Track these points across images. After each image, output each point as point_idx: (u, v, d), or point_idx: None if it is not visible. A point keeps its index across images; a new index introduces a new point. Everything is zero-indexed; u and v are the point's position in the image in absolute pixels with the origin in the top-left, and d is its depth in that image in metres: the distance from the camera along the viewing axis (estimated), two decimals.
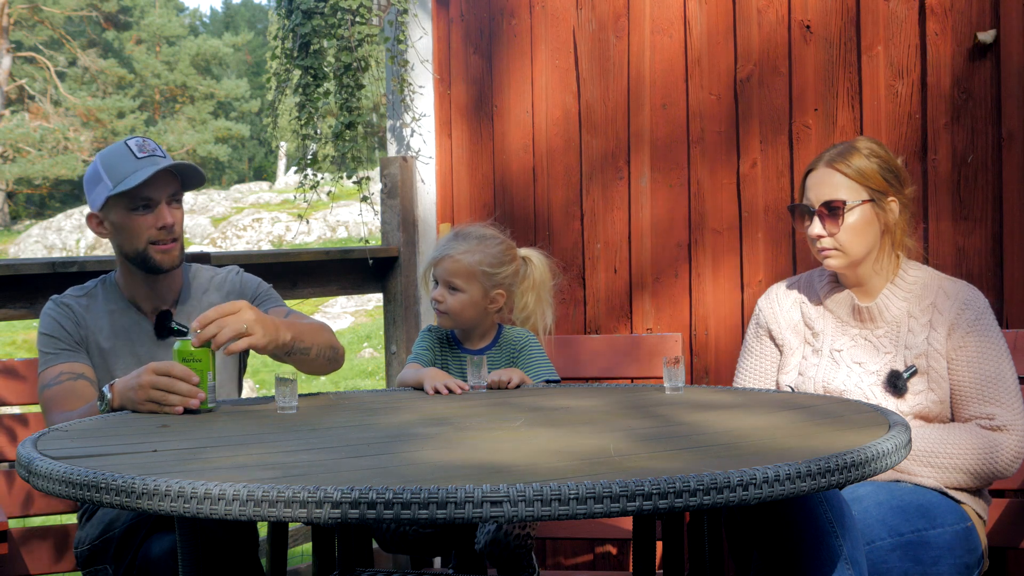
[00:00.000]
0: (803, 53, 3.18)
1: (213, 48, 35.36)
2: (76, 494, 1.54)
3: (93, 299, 2.50)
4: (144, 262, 2.45)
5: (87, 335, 2.45)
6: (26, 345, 14.06)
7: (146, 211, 2.42)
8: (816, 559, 1.97)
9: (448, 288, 2.57)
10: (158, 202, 2.43)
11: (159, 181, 2.42)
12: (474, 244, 2.58)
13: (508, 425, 1.93)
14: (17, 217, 29.20)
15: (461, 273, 2.56)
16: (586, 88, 3.57)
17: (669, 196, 3.42)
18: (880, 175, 2.40)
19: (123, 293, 2.52)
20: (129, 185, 2.38)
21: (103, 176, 2.43)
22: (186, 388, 2.12)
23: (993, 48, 2.89)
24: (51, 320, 2.44)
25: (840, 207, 2.38)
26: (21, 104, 30.36)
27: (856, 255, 2.40)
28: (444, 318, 2.60)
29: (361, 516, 1.36)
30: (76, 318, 2.45)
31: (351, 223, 17.57)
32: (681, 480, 1.40)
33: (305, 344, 2.32)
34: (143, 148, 2.44)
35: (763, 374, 2.57)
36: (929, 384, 2.35)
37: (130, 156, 2.42)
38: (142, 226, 2.42)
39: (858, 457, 1.56)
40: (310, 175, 3.88)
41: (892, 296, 2.42)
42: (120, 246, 2.47)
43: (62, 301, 2.48)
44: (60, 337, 2.42)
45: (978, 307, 2.37)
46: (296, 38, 3.72)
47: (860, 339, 2.44)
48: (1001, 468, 2.29)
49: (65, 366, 2.38)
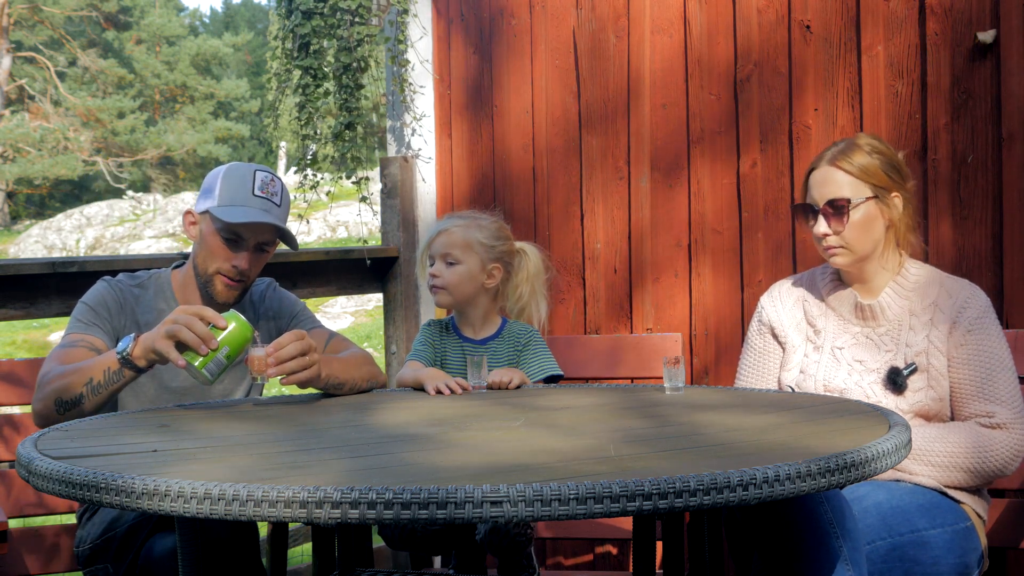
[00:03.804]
0: (803, 53, 3.18)
1: (213, 48, 35.34)
2: (76, 494, 1.54)
3: (145, 291, 2.51)
4: (206, 284, 2.47)
5: (127, 324, 2.44)
6: (26, 345, 14.06)
7: (230, 244, 2.44)
8: (816, 559, 1.97)
9: (445, 263, 2.60)
10: (246, 242, 2.45)
11: (258, 226, 2.44)
12: (469, 220, 2.66)
13: (508, 425, 1.93)
14: (17, 217, 29.20)
15: (458, 244, 2.60)
16: (586, 88, 3.57)
17: (669, 196, 3.42)
18: (883, 171, 2.41)
19: (175, 293, 2.52)
20: (226, 218, 2.40)
21: (216, 189, 2.45)
22: (203, 330, 2.11)
23: (993, 48, 2.89)
24: (99, 296, 2.44)
25: (844, 205, 2.38)
26: (21, 104, 30.35)
27: (862, 252, 2.41)
28: (442, 294, 2.61)
29: (361, 516, 1.36)
30: (123, 304, 2.45)
31: (351, 223, 17.57)
32: (681, 480, 1.40)
33: (339, 380, 2.37)
34: (264, 187, 2.47)
35: (765, 371, 2.57)
36: (929, 382, 2.35)
37: (248, 187, 2.45)
38: (221, 254, 2.44)
39: (858, 457, 1.56)
40: (310, 175, 3.88)
41: (894, 294, 2.42)
42: (196, 256, 2.49)
43: (117, 284, 2.48)
44: (100, 313, 2.42)
45: (980, 305, 2.38)
46: (296, 38, 3.72)
47: (861, 337, 2.44)
48: (999, 466, 2.29)
49: (89, 337, 2.38)
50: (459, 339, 2.65)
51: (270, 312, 2.61)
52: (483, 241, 2.62)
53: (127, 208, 22.10)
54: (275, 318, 2.61)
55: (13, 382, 2.68)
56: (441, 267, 2.61)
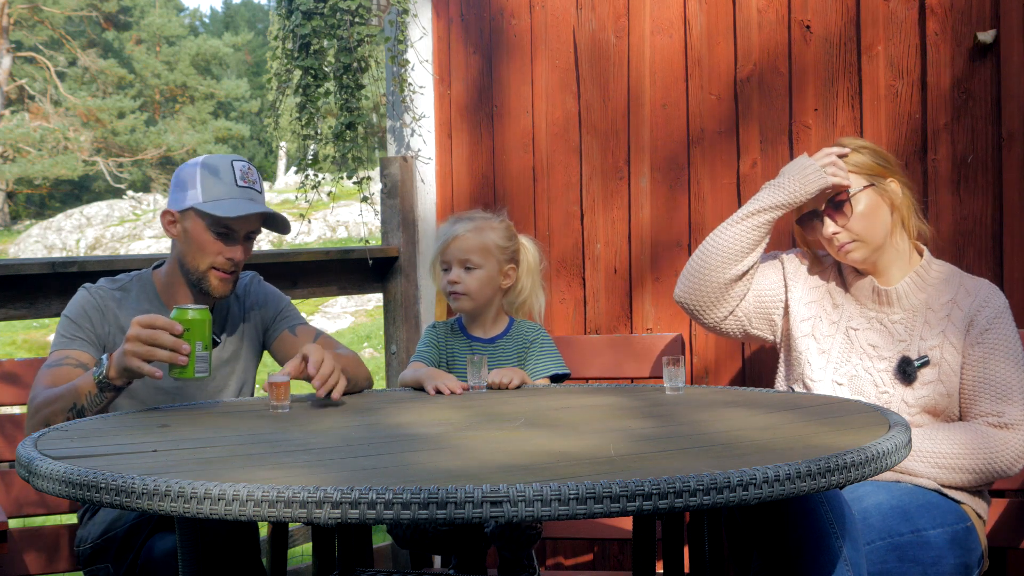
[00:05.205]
0: (803, 53, 3.18)
1: (213, 48, 35.34)
2: (76, 494, 1.54)
3: (127, 293, 2.49)
4: (199, 281, 2.45)
5: (111, 330, 2.43)
6: (26, 345, 14.05)
7: (221, 238, 2.43)
8: (816, 560, 1.97)
9: (464, 268, 2.57)
10: (237, 234, 2.44)
11: (247, 216, 2.44)
12: (480, 222, 2.62)
13: (508, 425, 1.93)
14: (17, 217, 29.20)
15: (476, 249, 2.57)
16: (586, 88, 3.57)
17: (669, 196, 3.42)
18: (873, 161, 2.47)
19: (159, 293, 2.51)
20: (218, 212, 2.38)
21: (196, 184, 2.42)
22: (170, 340, 2.09)
23: (993, 48, 2.89)
24: (79, 308, 2.43)
25: (845, 198, 2.41)
26: (21, 104, 30.35)
27: (874, 241, 2.42)
28: (463, 300, 2.59)
29: (361, 516, 1.36)
30: (104, 310, 2.43)
31: (351, 223, 17.57)
32: (681, 480, 1.40)
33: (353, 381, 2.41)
34: (246, 177, 2.45)
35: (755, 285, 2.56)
36: (939, 376, 2.36)
37: (231, 180, 2.43)
38: (212, 250, 2.42)
39: (858, 457, 1.56)
40: (311, 175, 3.88)
41: (913, 285, 2.44)
42: (183, 255, 2.46)
43: (97, 291, 2.46)
44: (82, 325, 2.41)
45: (998, 306, 2.39)
46: (296, 38, 3.72)
47: (876, 322, 2.45)
48: (1005, 466, 2.29)
49: (74, 352, 2.38)
50: (467, 339, 2.64)
51: (256, 303, 2.61)
52: (499, 243, 2.60)
53: (127, 208, 22.11)
54: (260, 308, 2.61)
55: (13, 382, 2.69)
56: (460, 273, 2.58)
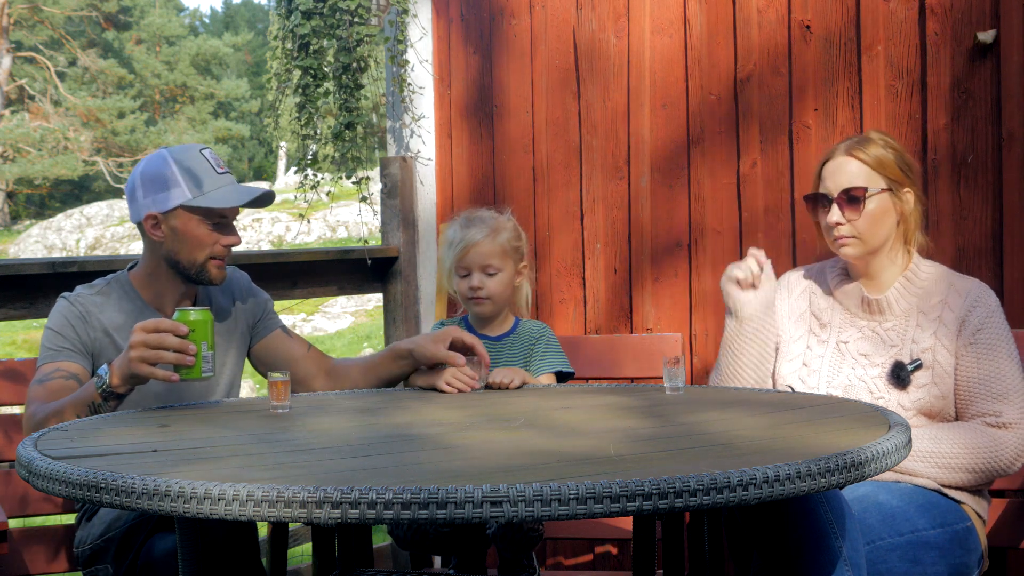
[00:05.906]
0: (803, 53, 3.18)
1: (213, 48, 35.32)
2: (76, 494, 1.54)
3: (106, 297, 2.46)
4: (198, 274, 2.43)
5: (97, 336, 2.41)
6: (26, 345, 14.05)
7: (218, 228, 2.42)
8: (816, 560, 1.97)
9: (485, 274, 2.59)
10: (231, 221, 2.44)
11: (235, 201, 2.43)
12: (492, 224, 2.63)
13: (508, 425, 1.93)
14: (17, 217, 29.19)
15: (495, 254, 2.60)
16: (586, 88, 3.57)
17: (669, 196, 3.42)
18: (897, 165, 2.42)
19: (140, 293, 2.49)
20: (218, 204, 2.38)
21: (180, 181, 2.40)
22: (176, 342, 2.10)
23: (993, 48, 2.89)
24: (61, 318, 2.41)
25: (860, 195, 2.38)
26: (21, 104, 30.34)
27: (873, 244, 2.41)
28: (486, 304, 2.61)
29: (361, 516, 1.36)
30: (87, 318, 2.41)
31: (351, 223, 17.57)
32: (681, 480, 1.40)
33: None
34: (219, 163, 2.44)
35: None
36: (933, 379, 2.35)
37: (210, 169, 2.41)
38: (210, 241, 2.41)
39: (858, 457, 1.56)
40: (310, 175, 3.88)
41: (903, 290, 2.42)
42: (174, 252, 2.43)
43: (76, 299, 2.43)
44: (66, 336, 2.39)
45: (989, 305, 2.38)
46: (296, 38, 3.72)
47: (868, 331, 2.43)
48: (1004, 465, 2.29)
49: (63, 364, 2.36)
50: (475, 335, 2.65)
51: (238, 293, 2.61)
52: (512, 243, 2.63)
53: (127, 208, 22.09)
54: (242, 299, 2.61)
55: (13, 382, 2.68)
56: (482, 278, 2.60)
